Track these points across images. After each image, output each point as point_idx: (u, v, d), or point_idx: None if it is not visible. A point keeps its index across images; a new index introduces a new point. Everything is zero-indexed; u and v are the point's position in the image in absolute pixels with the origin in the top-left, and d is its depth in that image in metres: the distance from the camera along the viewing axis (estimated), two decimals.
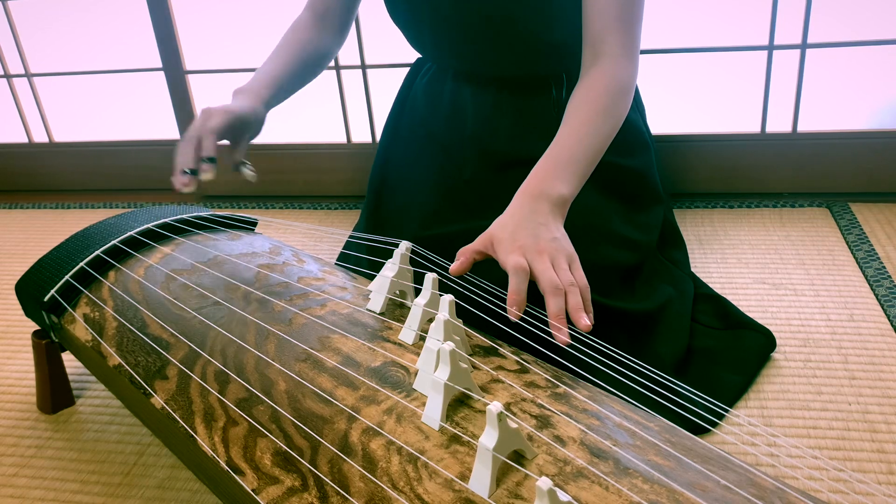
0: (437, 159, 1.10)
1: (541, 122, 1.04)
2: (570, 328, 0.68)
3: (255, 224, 1.04)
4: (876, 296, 1.10)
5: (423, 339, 0.69)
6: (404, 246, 0.76)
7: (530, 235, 0.74)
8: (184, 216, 0.98)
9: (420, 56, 1.18)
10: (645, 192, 1.07)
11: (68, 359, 1.03)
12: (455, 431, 0.57)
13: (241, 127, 0.91)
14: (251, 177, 0.93)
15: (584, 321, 0.67)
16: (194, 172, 0.85)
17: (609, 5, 0.86)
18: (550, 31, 0.97)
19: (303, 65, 1.03)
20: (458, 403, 0.59)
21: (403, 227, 1.03)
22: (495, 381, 0.63)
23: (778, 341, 1.00)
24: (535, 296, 0.71)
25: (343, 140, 1.62)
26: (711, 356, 0.97)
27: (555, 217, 0.77)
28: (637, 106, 1.14)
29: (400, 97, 1.20)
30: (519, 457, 0.53)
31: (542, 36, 0.98)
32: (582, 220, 0.92)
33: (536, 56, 1.02)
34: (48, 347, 0.98)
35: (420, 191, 1.08)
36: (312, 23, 1.06)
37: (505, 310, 0.71)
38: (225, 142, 0.90)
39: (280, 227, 1.51)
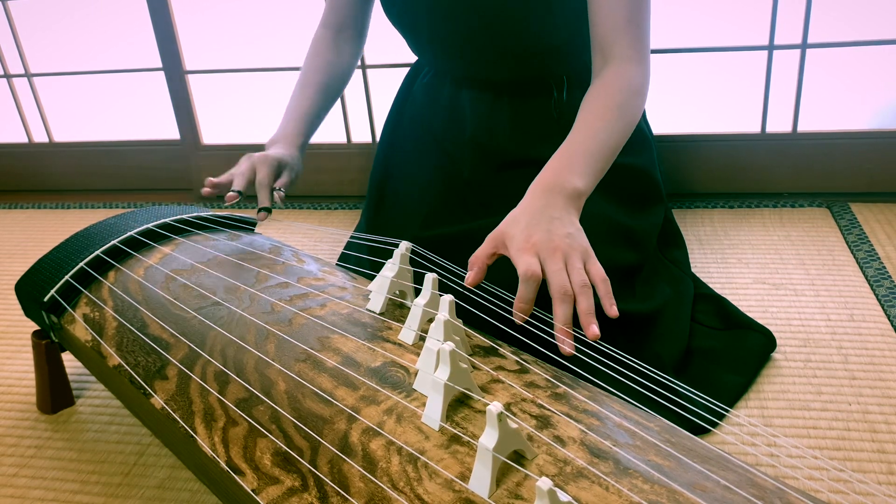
0: (437, 160, 1.10)
1: (541, 123, 1.04)
2: (574, 331, 0.68)
3: (254, 224, 1.04)
4: (876, 296, 1.10)
5: (422, 339, 0.69)
6: (404, 246, 0.76)
7: (544, 231, 0.71)
8: (183, 216, 0.98)
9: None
10: (646, 191, 1.07)
11: (68, 359, 1.03)
12: (455, 432, 0.57)
13: (281, 172, 0.95)
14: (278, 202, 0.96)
15: (594, 329, 0.64)
16: (269, 211, 0.91)
17: (616, 9, 0.84)
18: (551, 35, 0.97)
19: (328, 94, 1.05)
20: (458, 403, 0.59)
21: (403, 228, 1.03)
22: (495, 382, 0.63)
23: (778, 341, 1.00)
24: (542, 298, 0.70)
25: (343, 140, 1.62)
26: (711, 356, 0.97)
27: (569, 211, 0.74)
28: None
29: (399, 98, 1.19)
30: (519, 457, 0.53)
31: (542, 39, 0.98)
32: (582, 220, 0.92)
33: (536, 59, 1.01)
34: (48, 347, 0.98)
35: (420, 191, 1.08)
36: (329, 41, 1.06)
37: (506, 311, 0.71)
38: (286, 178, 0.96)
39: (280, 227, 1.51)
